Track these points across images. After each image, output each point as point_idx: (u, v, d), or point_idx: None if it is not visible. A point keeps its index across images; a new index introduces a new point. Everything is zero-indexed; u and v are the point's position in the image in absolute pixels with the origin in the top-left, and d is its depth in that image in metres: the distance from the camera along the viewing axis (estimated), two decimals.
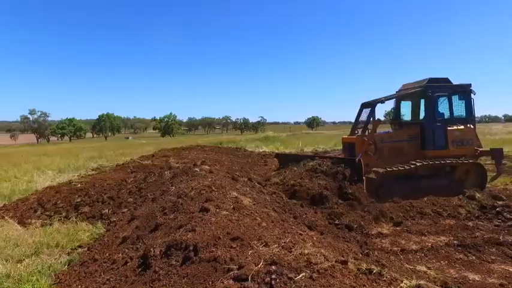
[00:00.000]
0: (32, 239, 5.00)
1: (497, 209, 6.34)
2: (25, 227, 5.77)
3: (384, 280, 2.52)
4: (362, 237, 5.20)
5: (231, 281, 2.01)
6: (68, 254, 4.52)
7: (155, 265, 2.66)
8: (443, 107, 8.83)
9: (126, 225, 4.59)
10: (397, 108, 9.97)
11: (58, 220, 6.03)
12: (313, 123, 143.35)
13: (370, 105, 8.60)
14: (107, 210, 6.29)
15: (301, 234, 3.20)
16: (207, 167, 6.05)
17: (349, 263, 2.69)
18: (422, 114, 9.14)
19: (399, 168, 7.63)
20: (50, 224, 5.80)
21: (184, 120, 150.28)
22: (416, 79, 9.33)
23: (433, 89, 8.48)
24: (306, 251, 2.40)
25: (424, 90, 8.53)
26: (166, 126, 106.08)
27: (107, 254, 3.89)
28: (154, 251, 2.82)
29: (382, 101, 8.60)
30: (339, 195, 6.67)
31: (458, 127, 8.48)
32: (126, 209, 6.02)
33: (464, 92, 8.68)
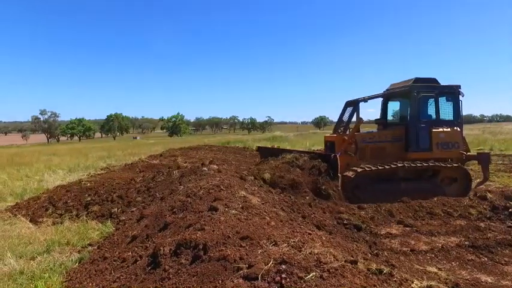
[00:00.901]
0: (43, 237, 5.09)
1: (510, 210, 6.21)
2: (37, 225, 5.87)
3: (395, 280, 2.49)
4: (371, 237, 5.16)
5: (240, 280, 2.01)
6: (79, 252, 4.59)
7: (165, 264, 2.68)
8: (429, 107, 8.57)
9: (135, 224, 4.63)
10: (383, 109, 9.78)
11: (69, 218, 6.12)
12: (320, 122, 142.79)
13: (354, 103, 8.45)
14: (116, 209, 6.36)
15: (310, 234, 3.18)
16: (215, 166, 6.06)
17: (358, 263, 2.67)
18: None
19: (378, 168, 7.40)
20: (61, 223, 5.90)
21: (192, 120, 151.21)
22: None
23: (419, 89, 8.23)
24: (316, 251, 2.39)
25: (409, 90, 8.30)
26: (174, 126, 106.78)
27: (117, 253, 3.93)
28: (164, 250, 2.83)
29: (365, 100, 8.44)
30: (313, 190, 6.61)
31: (444, 129, 8.21)
32: (135, 208, 6.07)
33: (452, 93, 8.39)
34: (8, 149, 41.35)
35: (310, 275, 2.01)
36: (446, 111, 8.61)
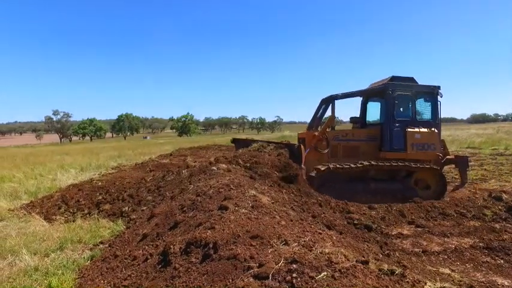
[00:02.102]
0: (56, 234, 5.19)
1: None
2: (50, 222, 5.99)
3: (407, 282, 2.45)
4: (382, 238, 5.10)
5: (251, 279, 2.00)
6: (91, 249, 4.66)
7: (175, 262, 2.69)
8: (405, 107, 8.34)
9: (146, 223, 4.67)
10: (362, 109, 9.61)
11: (81, 217, 6.22)
12: None
13: (328, 100, 8.29)
14: (126, 208, 6.43)
15: (320, 233, 3.16)
16: (224, 165, 6.08)
17: (370, 263, 2.63)
18: None
19: (343, 166, 7.21)
20: (73, 221, 6.00)
21: (201, 120, 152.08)
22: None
23: (394, 87, 8.02)
24: (327, 250, 2.37)
25: (384, 88, 8.11)
26: (184, 126, 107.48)
27: (128, 251, 3.96)
28: (174, 248, 2.84)
29: (339, 96, 8.21)
30: (278, 173, 6.54)
31: (420, 130, 7.95)
32: (145, 207, 6.12)
33: (431, 93, 8.18)
34: (23, 149, 42.34)
35: (322, 275, 1.99)
36: (424, 111, 8.41)
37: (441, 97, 8.18)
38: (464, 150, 16.58)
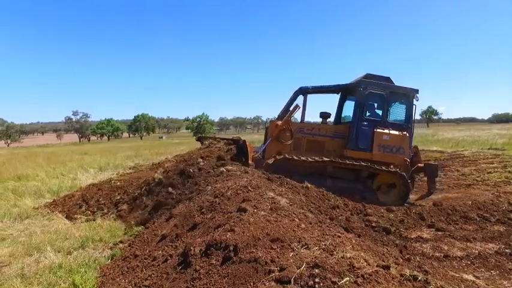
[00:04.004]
0: (78, 233, 5.34)
1: None
2: (72, 221, 6.16)
3: None
4: (401, 241, 4.99)
5: (272, 283, 2.00)
6: (111, 248, 4.76)
7: (195, 264, 2.71)
8: (377, 107, 8.04)
9: (164, 223, 4.73)
10: (339, 106, 9.41)
11: (100, 216, 6.37)
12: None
13: (300, 92, 8.12)
14: None
15: (339, 237, 3.12)
16: (233, 167, 6.16)
17: (391, 268, 2.58)
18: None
19: (300, 158, 7.05)
20: (94, 220, 6.15)
21: (216, 120, 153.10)
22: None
23: (366, 85, 7.71)
24: (348, 255, 2.33)
25: (356, 85, 7.84)
26: (199, 126, 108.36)
27: (147, 251, 4.03)
28: (194, 250, 2.87)
29: (310, 90, 8.06)
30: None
31: (390, 131, 7.60)
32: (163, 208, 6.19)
33: (406, 96, 7.81)
34: (45, 148, 43.75)
35: (344, 280, 1.97)
36: (397, 113, 8.07)
37: (417, 101, 7.83)
38: (486, 151, 16.00)
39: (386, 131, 7.62)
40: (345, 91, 9.03)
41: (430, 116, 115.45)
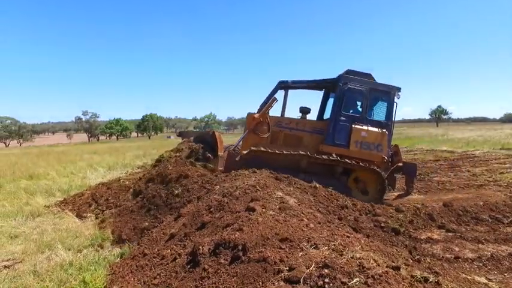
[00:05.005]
0: (88, 231, 5.41)
1: None
2: (82, 219, 6.25)
3: None
4: (410, 242, 4.93)
5: (281, 283, 1.99)
6: (120, 247, 4.81)
7: (204, 263, 2.72)
8: (356, 103, 7.92)
9: (173, 223, 4.75)
10: (322, 102, 9.25)
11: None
12: None
13: (280, 85, 8.01)
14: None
15: (348, 237, 3.09)
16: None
17: (401, 269, 2.55)
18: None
19: (275, 151, 6.98)
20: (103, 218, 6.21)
21: (224, 120, 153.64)
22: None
23: (346, 80, 7.59)
24: (358, 255, 2.31)
25: (335, 80, 7.74)
26: (206, 126, 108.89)
27: (156, 250, 4.05)
28: (203, 249, 2.87)
29: (289, 84, 7.97)
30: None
31: (368, 128, 7.48)
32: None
33: (387, 93, 7.68)
34: (55, 147, 44.42)
35: (354, 281, 1.95)
36: (377, 110, 7.94)
37: (398, 98, 7.71)
38: (498, 151, 15.71)
39: (364, 127, 7.55)
40: (328, 88, 8.94)
41: (439, 115, 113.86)
